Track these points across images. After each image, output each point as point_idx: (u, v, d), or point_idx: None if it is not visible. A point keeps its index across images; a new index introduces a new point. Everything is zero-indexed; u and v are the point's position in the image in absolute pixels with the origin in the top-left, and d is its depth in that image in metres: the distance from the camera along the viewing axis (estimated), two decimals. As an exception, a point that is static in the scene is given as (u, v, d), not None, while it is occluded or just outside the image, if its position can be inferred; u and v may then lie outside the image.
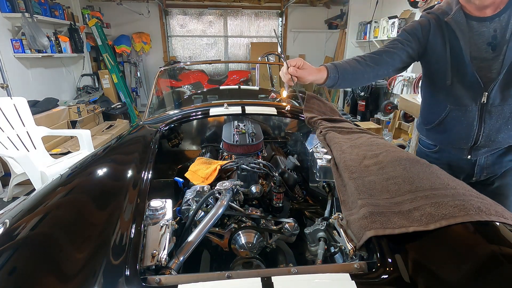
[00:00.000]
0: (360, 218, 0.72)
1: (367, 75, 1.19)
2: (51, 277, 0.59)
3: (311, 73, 1.11)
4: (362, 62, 1.17)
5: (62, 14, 4.65)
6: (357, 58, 1.19)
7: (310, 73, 1.11)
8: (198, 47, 6.93)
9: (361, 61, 1.17)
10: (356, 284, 0.57)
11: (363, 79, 1.21)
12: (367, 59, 1.18)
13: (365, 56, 1.20)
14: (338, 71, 1.13)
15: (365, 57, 1.19)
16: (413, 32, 1.20)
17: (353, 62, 1.17)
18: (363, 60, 1.18)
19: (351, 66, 1.16)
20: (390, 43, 1.22)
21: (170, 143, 1.70)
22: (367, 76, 1.19)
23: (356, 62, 1.17)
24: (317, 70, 1.13)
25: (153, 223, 0.78)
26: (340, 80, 1.14)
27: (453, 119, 1.19)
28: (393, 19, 4.68)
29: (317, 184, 1.17)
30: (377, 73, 1.20)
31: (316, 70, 1.13)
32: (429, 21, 1.19)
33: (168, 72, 5.46)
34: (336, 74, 1.13)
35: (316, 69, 1.13)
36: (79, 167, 1.11)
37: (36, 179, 2.55)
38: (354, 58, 1.19)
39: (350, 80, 1.19)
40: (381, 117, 4.73)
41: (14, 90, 3.62)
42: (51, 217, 0.77)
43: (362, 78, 1.20)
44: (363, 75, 1.18)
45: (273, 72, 3.96)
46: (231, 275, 0.61)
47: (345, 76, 1.15)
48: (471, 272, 0.58)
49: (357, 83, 1.25)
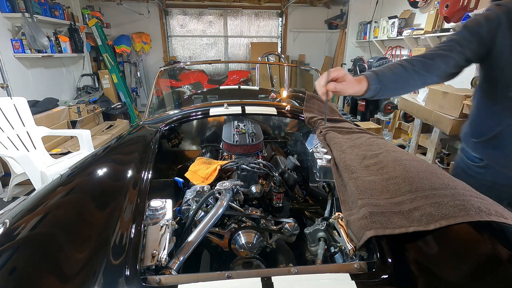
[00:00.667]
0: (360, 218, 0.72)
1: (414, 82, 1.02)
2: (51, 277, 0.59)
3: (351, 85, 0.98)
4: (408, 68, 1.00)
5: (62, 14, 4.65)
6: (403, 63, 1.02)
7: (350, 86, 0.98)
8: (198, 47, 6.93)
9: (408, 67, 1.00)
10: (356, 284, 0.57)
11: (409, 87, 1.05)
12: (415, 65, 1.00)
13: (413, 61, 1.02)
14: (379, 81, 1.00)
15: (413, 61, 1.01)
16: (476, 30, 0.98)
17: (398, 68, 1.01)
18: (410, 65, 1.01)
19: (395, 74, 1.01)
20: (445, 44, 1.02)
21: (170, 143, 1.70)
22: (414, 84, 1.03)
23: (401, 68, 1.01)
24: (357, 81, 1.00)
25: (153, 223, 0.78)
26: (382, 91, 1.01)
27: (509, 135, 1.05)
28: (393, 19, 4.67)
29: (317, 184, 1.17)
30: (425, 81, 1.04)
31: (356, 82, 0.99)
32: (498, 16, 0.96)
33: (168, 72, 5.46)
34: (377, 84, 0.99)
35: (356, 80, 1.00)
36: (79, 167, 1.11)
37: (36, 179, 2.54)
38: (400, 63, 1.02)
39: (393, 90, 1.04)
40: (381, 117, 4.73)
41: (14, 90, 3.61)
42: (51, 217, 0.77)
43: (407, 86, 1.04)
44: (408, 83, 1.02)
45: (273, 72, 3.96)
46: (231, 275, 0.61)
47: (387, 86, 1.01)
48: (471, 272, 0.58)
49: (401, 92, 1.09)
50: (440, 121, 2.98)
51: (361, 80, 1.00)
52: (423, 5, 4.23)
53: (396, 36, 4.60)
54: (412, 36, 4.19)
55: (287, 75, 3.40)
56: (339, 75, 0.98)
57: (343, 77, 0.98)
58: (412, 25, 4.53)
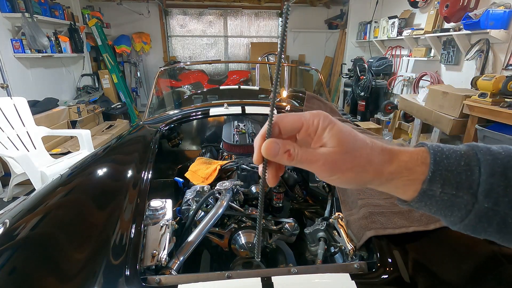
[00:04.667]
0: (360, 218, 0.72)
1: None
2: (51, 277, 0.59)
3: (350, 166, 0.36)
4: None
5: (62, 14, 4.65)
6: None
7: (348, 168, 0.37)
8: (198, 47, 6.93)
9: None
10: (356, 284, 0.57)
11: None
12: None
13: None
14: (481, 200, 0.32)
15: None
16: None
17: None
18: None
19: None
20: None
21: (170, 143, 1.70)
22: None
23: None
24: (387, 154, 0.34)
25: (153, 223, 0.78)
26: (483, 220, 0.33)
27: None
28: (393, 19, 4.68)
29: (317, 184, 1.17)
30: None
31: (377, 156, 0.34)
32: None
33: (168, 72, 5.46)
34: (471, 198, 0.31)
35: (384, 152, 0.34)
36: (79, 167, 1.11)
37: (36, 179, 2.54)
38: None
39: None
40: (381, 117, 4.73)
41: (14, 90, 3.61)
42: (51, 217, 0.76)
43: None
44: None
45: (273, 72, 3.96)
46: (231, 275, 0.61)
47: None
48: (471, 272, 0.58)
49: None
50: (440, 121, 2.98)
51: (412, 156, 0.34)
52: (423, 5, 4.23)
53: (396, 36, 4.60)
54: (412, 36, 4.19)
55: (287, 75, 3.40)
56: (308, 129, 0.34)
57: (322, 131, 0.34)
58: (412, 25, 4.53)
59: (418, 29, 4.16)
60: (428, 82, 4.02)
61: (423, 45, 4.19)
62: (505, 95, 2.47)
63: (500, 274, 0.57)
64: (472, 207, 0.30)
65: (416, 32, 4.10)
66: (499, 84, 2.44)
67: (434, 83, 3.85)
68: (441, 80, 3.88)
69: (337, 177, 0.32)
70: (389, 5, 5.24)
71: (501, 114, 2.37)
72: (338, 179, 0.32)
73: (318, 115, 0.31)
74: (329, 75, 6.99)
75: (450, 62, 3.63)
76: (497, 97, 2.48)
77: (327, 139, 0.31)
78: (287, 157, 0.31)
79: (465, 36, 3.31)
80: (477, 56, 3.21)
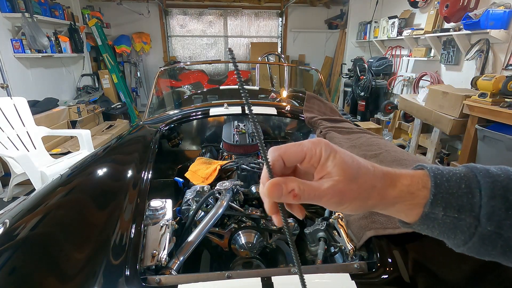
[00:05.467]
0: (360, 218, 0.72)
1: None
2: (51, 277, 0.59)
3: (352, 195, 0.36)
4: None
5: (62, 14, 4.65)
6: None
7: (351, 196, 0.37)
8: (198, 47, 6.93)
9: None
10: (356, 284, 0.57)
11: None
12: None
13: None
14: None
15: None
16: None
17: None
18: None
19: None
20: None
21: (170, 143, 1.70)
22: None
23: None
24: (388, 178, 0.34)
25: (153, 223, 0.78)
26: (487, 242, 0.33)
27: None
28: (393, 19, 4.68)
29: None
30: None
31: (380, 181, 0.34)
32: None
33: (168, 72, 5.45)
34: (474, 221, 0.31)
35: (386, 177, 0.34)
36: (79, 167, 1.11)
37: (36, 179, 2.54)
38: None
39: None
40: (381, 117, 4.73)
41: (14, 90, 3.61)
42: (51, 217, 0.76)
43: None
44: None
45: (273, 72, 3.96)
46: (231, 275, 0.61)
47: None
48: (471, 272, 0.58)
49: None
50: (440, 121, 2.98)
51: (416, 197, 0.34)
52: (423, 5, 4.23)
53: (396, 36, 4.60)
54: (412, 36, 4.19)
55: (287, 75, 3.40)
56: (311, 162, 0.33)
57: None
58: (412, 25, 4.53)
59: (418, 29, 4.16)
60: (428, 82, 4.02)
61: (423, 45, 4.19)
62: (505, 95, 2.47)
63: (500, 274, 0.57)
64: (475, 230, 0.31)
65: (416, 32, 4.10)
66: (499, 84, 2.44)
67: (434, 83, 3.85)
68: (441, 80, 3.88)
69: (346, 207, 0.32)
70: (389, 5, 5.24)
71: (501, 114, 2.37)
72: (347, 208, 0.32)
73: (319, 144, 0.32)
74: (329, 75, 6.99)
75: (450, 62, 3.63)
76: (497, 97, 2.49)
77: (331, 168, 0.31)
78: (293, 198, 0.31)
79: (465, 36, 3.31)
80: (477, 56, 3.21)
